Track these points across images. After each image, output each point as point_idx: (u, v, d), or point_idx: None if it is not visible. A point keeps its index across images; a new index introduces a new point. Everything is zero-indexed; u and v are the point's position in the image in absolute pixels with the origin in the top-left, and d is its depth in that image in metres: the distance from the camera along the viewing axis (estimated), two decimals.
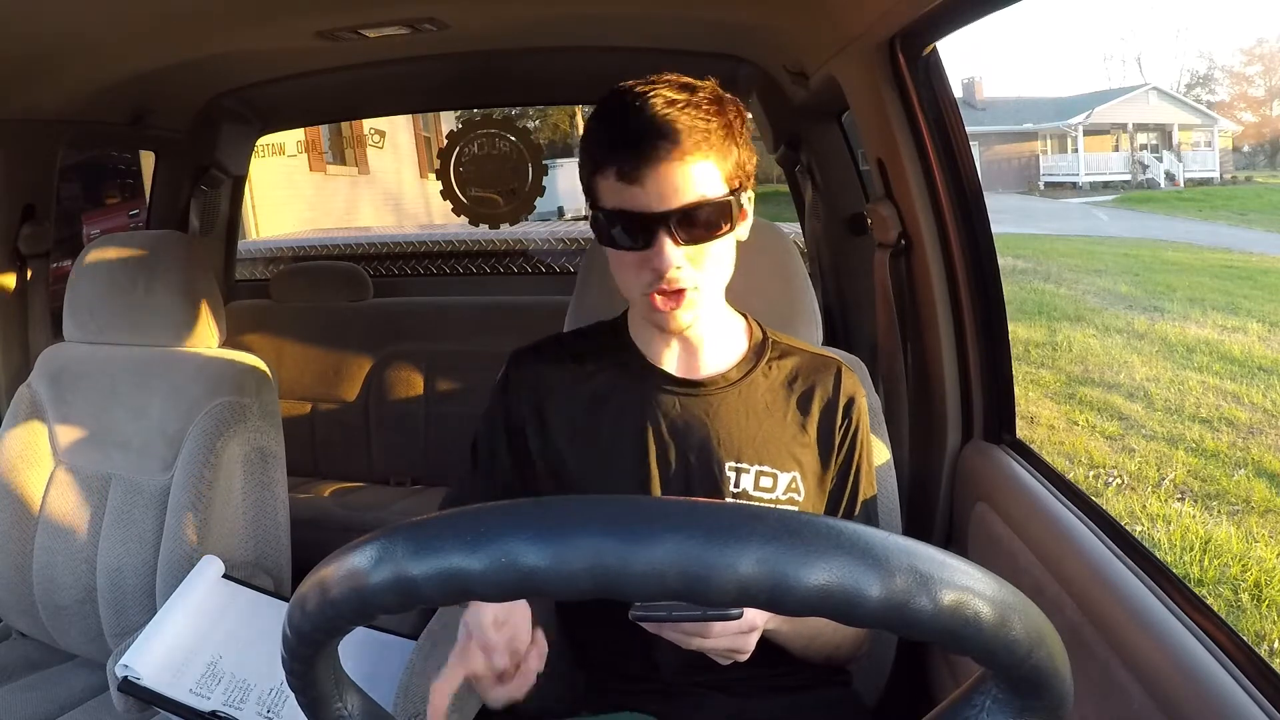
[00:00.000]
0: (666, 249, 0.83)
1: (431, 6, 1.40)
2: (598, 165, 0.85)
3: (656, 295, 0.86)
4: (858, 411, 0.98)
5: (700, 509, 0.37)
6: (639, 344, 0.98)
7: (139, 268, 1.39)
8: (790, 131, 1.91)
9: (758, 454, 0.93)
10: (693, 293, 0.86)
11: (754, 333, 1.01)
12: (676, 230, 0.83)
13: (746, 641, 0.78)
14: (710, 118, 0.83)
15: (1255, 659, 0.74)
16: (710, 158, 0.83)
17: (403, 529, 0.40)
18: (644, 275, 0.85)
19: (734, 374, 0.96)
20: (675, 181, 0.82)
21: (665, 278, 0.84)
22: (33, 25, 1.22)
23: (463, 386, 2.34)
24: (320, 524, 2.11)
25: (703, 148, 0.82)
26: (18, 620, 1.48)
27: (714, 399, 0.95)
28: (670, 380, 0.95)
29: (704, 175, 0.83)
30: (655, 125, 0.81)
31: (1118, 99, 21.77)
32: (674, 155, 0.81)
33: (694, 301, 0.87)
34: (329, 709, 0.50)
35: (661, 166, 0.81)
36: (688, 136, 0.81)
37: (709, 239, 0.85)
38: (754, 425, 0.94)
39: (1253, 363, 6.11)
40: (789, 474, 0.94)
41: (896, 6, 1.08)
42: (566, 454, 0.96)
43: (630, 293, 0.90)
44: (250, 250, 3.16)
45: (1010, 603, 0.38)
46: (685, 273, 0.85)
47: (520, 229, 2.61)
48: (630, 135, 0.82)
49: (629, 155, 0.82)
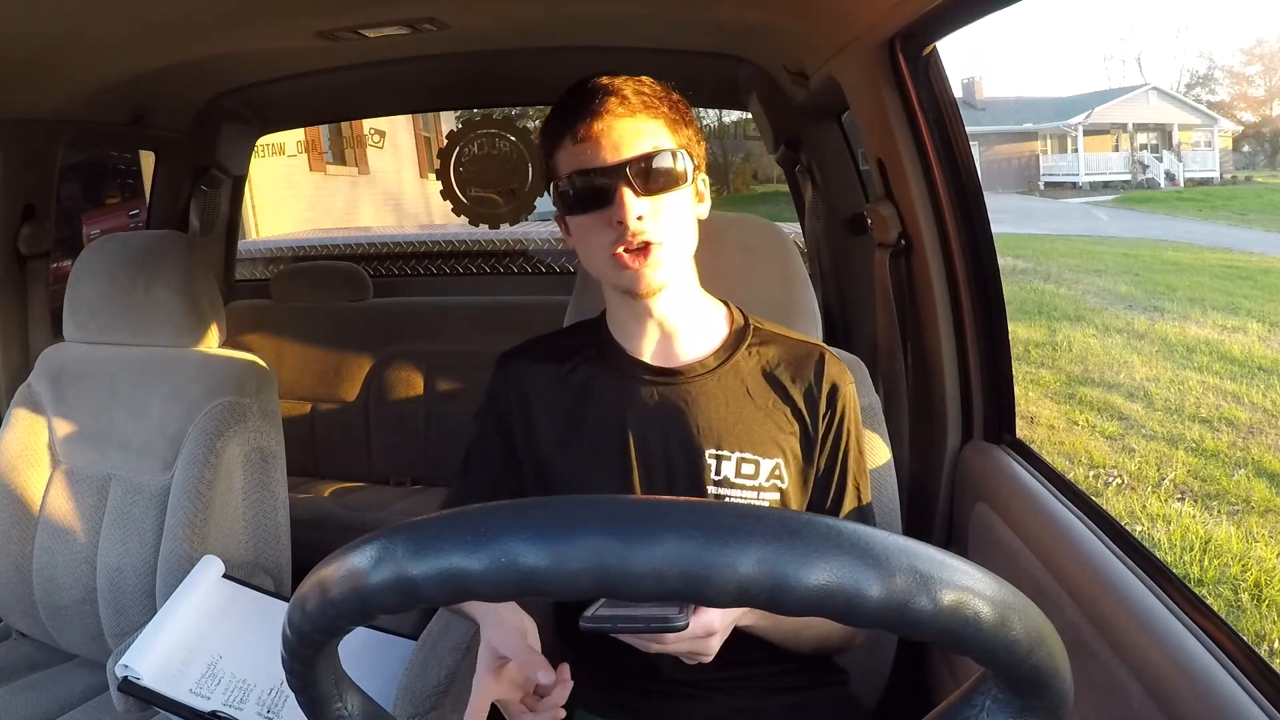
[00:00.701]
0: (626, 198, 0.85)
1: (431, 6, 1.40)
2: (555, 138, 0.90)
3: (623, 252, 0.87)
4: (843, 399, 0.98)
5: (700, 509, 0.37)
6: (617, 336, 0.98)
7: (139, 268, 1.39)
8: (790, 131, 1.91)
9: (738, 441, 0.93)
10: (658, 249, 0.87)
11: (735, 319, 1.01)
12: (634, 180, 0.86)
13: (706, 645, 0.78)
14: (660, 94, 0.90)
15: (1255, 659, 0.74)
16: (659, 121, 0.89)
17: (402, 529, 0.40)
18: (607, 235, 0.87)
19: (711, 361, 0.96)
20: (624, 134, 0.87)
21: (629, 230, 0.85)
22: (32, 25, 1.22)
23: (463, 386, 2.34)
24: (320, 524, 2.11)
25: (651, 109, 0.88)
26: (18, 620, 1.48)
27: (691, 387, 0.95)
28: (648, 370, 0.96)
29: (655, 132, 0.88)
30: (605, 88, 0.87)
31: (1118, 99, 21.76)
32: (625, 111, 0.87)
33: (660, 259, 0.88)
34: (329, 709, 0.50)
35: (614, 121, 0.86)
36: (636, 98, 0.88)
37: (666, 189, 0.88)
38: (734, 412, 0.94)
39: (1253, 363, 6.10)
40: (771, 460, 0.94)
41: (896, 6, 1.08)
42: (552, 450, 0.96)
43: (597, 260, 0.91)
44: (250, 250, 3.16)
45: (1010, 603, 0.38)
46: (647, 224, 0.86)
47: (520, 229, 2.61)
48: (583, 100, 0.87)
49: (582, 116, 0.87)
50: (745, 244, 1.17)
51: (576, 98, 0.88)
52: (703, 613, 0.77)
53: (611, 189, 0.86)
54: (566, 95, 0.90)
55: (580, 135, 0.87)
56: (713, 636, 0.78)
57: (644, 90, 0.89)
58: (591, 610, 0.70)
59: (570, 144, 0.88)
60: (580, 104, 0.87)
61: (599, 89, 0.87)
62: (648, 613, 0.71)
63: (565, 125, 0.88)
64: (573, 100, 0.89)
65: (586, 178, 0.87)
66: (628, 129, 0.87)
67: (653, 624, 0.71)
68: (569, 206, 0.90)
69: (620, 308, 0.97)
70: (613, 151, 0.86)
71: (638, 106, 0.87)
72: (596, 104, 0.86)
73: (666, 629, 0.70)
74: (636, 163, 0.86)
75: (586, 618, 0.69)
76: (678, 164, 0.88)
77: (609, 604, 0.72)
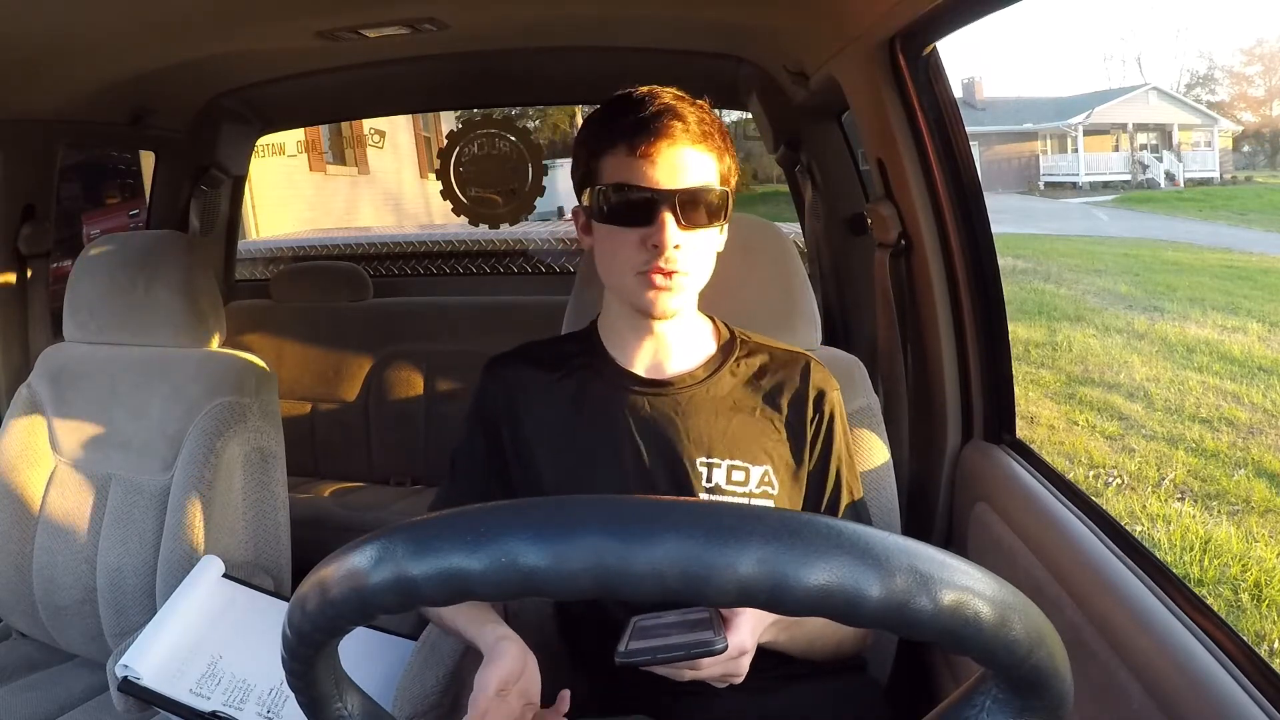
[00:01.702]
0: (669, 225, 0.85)
1: (431, 6, 1.40)
2: (605, 143, 0.88)
3: (654, 274, 0.87)
4: (830, 404, 0.99)
5: (700, 509, 0.37)
6: (609, 346, 0.99)
7: (139, 268, 1.39)
8: (790, 131, 1.91)
9: (728, 449, 0.95)
10: (682, 278, 0.89)
11: (721, 333, 1.02)
12: (681, 210, 0.86)
13: (738, 666, 0.78)
14: (714, 126, 0.89)
15: (1255, 659, 0.74)
16: (713, 152, 0.89)
17: (402, 529, 0.40)
18: (641, 253, 0.87)
19: (701, 373, 0.98)
20: (686, 161, 0.86)
21: (664, 255, 0.86)
22: (32, 25, 1.22)
23: (463, 386, 2.34)
24: (320, 524, 2.11)
25: (708, 140, 0.88)
26: (18, 620, 1.48)
27: (681, 397, 0.96)
28: (639, 381, 0.97)
29: (707, 166, 0.88)
30: (669, 108, 0.86)
31: (1118, 99, 21.74)
32: (686, 138, 0.86)
33: (682, 287, 0.90)
34: (329, 709, 0.50)
35: (674, 145, 0.86)
36: (698, 125, 0.87)
37: (705, 226, 0.88)
38: (723, 421, 0.96)
39: (1253, 363, 6.10)
40: (761, 467, 0.95)
41: (896, 6, 1.08)
42: (542, 458, 0.97)
43: (621, 274, 0.91)
44: (250, 250, 3.16)
45: (1010, 603, 0.38)
46: (681, 254, 0.87)
47: (520, 229, 2.61)
48: (645, 115, 0.86)
49: (643, 131, 0.85)
50: (745, 244, 1.16)
51: (638, 109, 0.87)
52: (735, 631, 0.76)
53: (656, 212, 0.86)
54: (625, 103, 0.88)
55: (639, 150, 0.85)
56: (745, 656, 0.78)
57: (704, 118, 0.88)
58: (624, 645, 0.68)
59: (624, 154, 0.87)
60: (641, 118, 0.86)
61: (665, 108, 0.86)
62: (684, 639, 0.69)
63: (622, 134, 0.87)
64: (632, 110, 0.87)
65: (636, 194, 0.86)
66: (687, 157, 0.86)
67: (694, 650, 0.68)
68: (605, 215, 0.89)
69: (620, 319, 0.97)
70: (668, 176, 0.86)
71: (698, 135, 0.87)
72: (661, 123, 0.85)
73: (708, 653, 0.69)
74: (688, 193, 0.86)
75: (621, 653, 0.67)
76: (720, 206, 0.89)
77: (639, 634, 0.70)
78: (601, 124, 0.90)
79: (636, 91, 0.89)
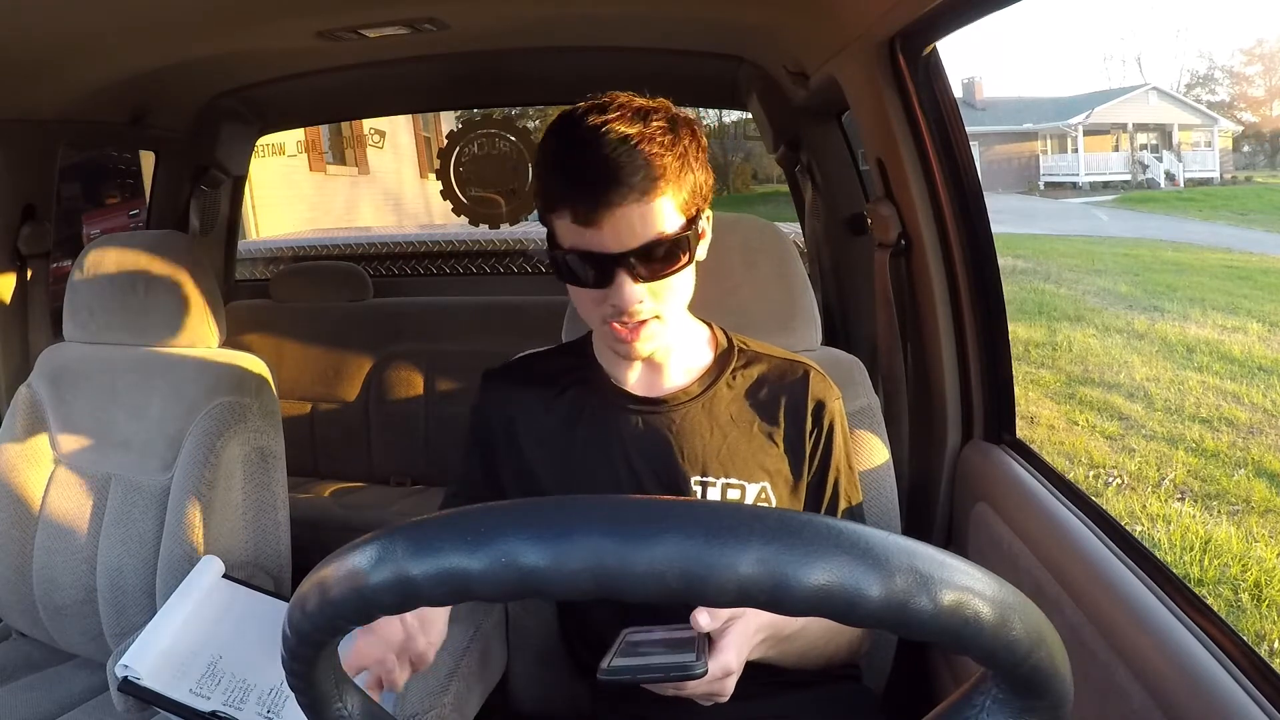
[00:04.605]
0: (626, 287, 0.83)
1: (431, 6, 1.40)
2: (552, 206, 0.84)
3: (618, 326, 0.86)
4: (829, 415, 0.98)
5: (700, 509, 0.37)
6: (603, 363, 0.98)
7: (139, 268, 1.39)
8: (790, 131, 1.91)
9: (723, 467, 0.94)
10: (654, 322, 0.87)
11: (719, 342, 1.00)
12: (636, 267, 0.82)
13: (723, 687, 0.77)
14: (665, 150, 0.81)
15: (1255, 659, 0.74)
16: (666, 193, 0.82)
17: (403, 529, 0.40)
18: (604, 308, 0.86)
19: (695, 388, 0.96)
20: (631, 223, 0.81)
21: (628, 312, 0.84)
22: (32, 25, 1.22)
23: (463, 386, 2.34)
24: (320, 524, 2.11)
25: (659, 184, 0.81)
26: (18, 620, 1.48)
27: (676, 414, 0.95)
28: (633, 399, 0.96)
29: (661, 212, 0.82)
30: (609, 168, 0.79)
31: (1118, 99, 21.73)
32: (629, 199, 0.80)
33: (655, 332, 0.88)
34: (329, 709, 0.50)
35: (616, 210, 0.80)
36: (644, 177, 0.80)
37: (668, 274, 0.85)
38: (718, 438, 0.94)
39: (1253, 363, 6.10)
40: (757, 485, 0.94)
41: (896, 6, 1.08)
42: (539, 475, 0.97)
43: (591, 322, 0.91)
44: (250, 250, 3.16)
45: (1010, 603, 0.38)
46: (645, 305, 0.85)
47: (520, 229, 2.61)
48: (585, 178, 0.80)
49: (584, 199, 0.80)
50: (745, 244, 1.17)
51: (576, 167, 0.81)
52: (720, 653, 0.75)
53: (611, 273, 0.83)
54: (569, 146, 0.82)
55: (580, 216, 0.81)
56: (730, 677, 0.77)
57: (654, 151, 0.80)
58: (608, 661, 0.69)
59: (570, 220, 0.82)
60: (582, 181, 0.80)
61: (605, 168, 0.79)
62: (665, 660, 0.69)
63: (564, 198, 0.82)
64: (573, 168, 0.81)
65: (587, 259, 0.83)
66: (631, 217, 0.80)
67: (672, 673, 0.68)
68: (567, 276, 0.86)
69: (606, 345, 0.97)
70: (615, 242, 0.81)
71: (643, 189, 0.80)
72: (602, 190, 0.79)
73: (686, 677, 0.68)
74: (643, 249, 0.82)
75: (604, 670, 0.68)
76: (680, 248, 0.84)
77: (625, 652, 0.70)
78: (548, 174, 0.84)
79: (585, 121, 0.81)
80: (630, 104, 0.83)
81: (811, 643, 0.91)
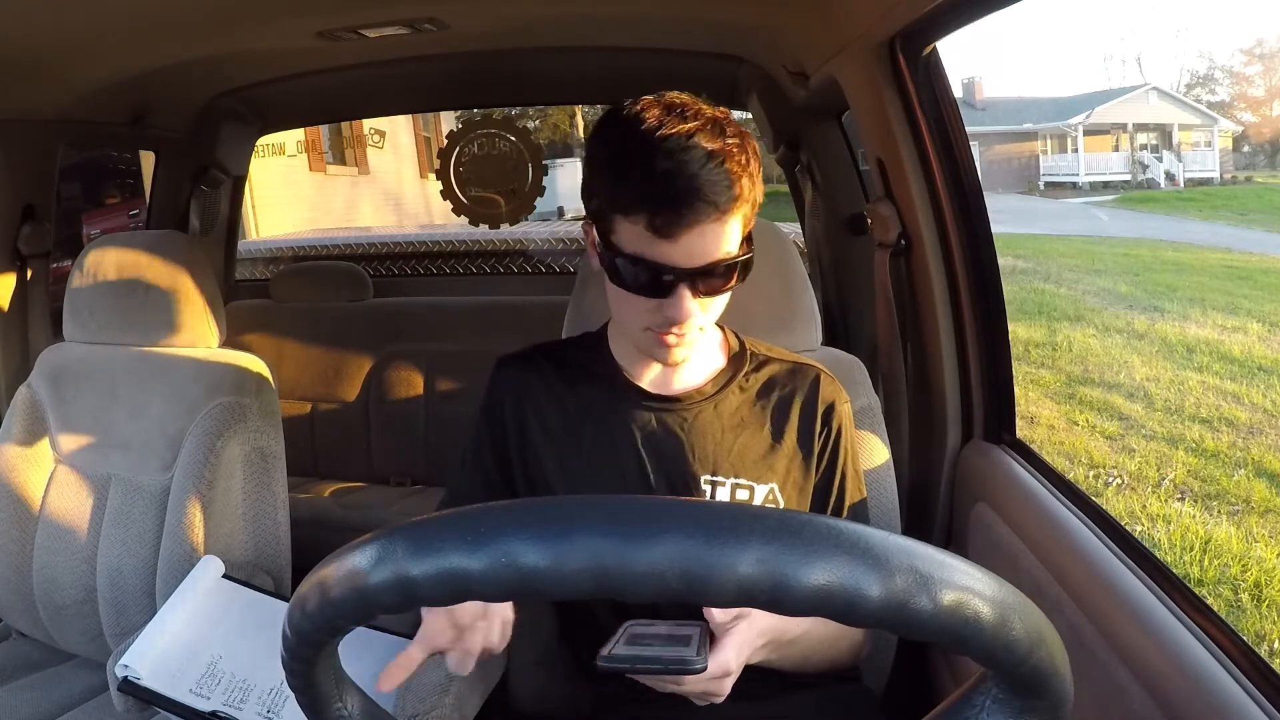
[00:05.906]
0: (685, 302, 0.83)
1: (431, 6, 1.40)
2: (624, 204, 0.81)
3: (666, 335, 0.87)
4: (838, 418, 0.99)
5: (700, 509, 0.37)
6: (619, 359, 0.98)
7: (139, 268, 1.39)
8: (790, 131, 1.91)
9: (734, 467, 0.94)
10: (696, 333, 0.88)
11: (731, 345, 1.01)
12: (698, 283, 0.83)
13: (720, 686, 0.77)
14: (742, 170, 0.81)
15: (1255, 659, 0.74)
16: (741, 211, 0.82)
17: (403, 529, 0.40)
18: (654, 316, 0.86)
19: (709, 389, 0.97)
20: (705, 241, 0.81)
21: (678, 324, 0.85)
22: (32, 25, 1.22)
23: (463, 386, 2.34)
24: (320, 524, 2.11)
25: (736, 204, 0.81)
26: (18, 620, 1.48)
27: (688, 414, 0.95)
28: (647, 396, 0.96)
29: (731, 231, 0.83)
30: (697, 184, 0.78)
31: (1118, 99, 21.74)
32: (710, 217, 0.79)
33: (695, 340, 0.89)
34: (329, 709, 0.50)
35: (695, 228, 0.79)
36: (726, 198, 0.79)
37: (724, 290, 0.86)
38: (729, 439, 0.95)
39: (1253, 363, 6.10)
40: (766, 486, 0.94)
41: (896, 6, 1.08)
42: (547, 466, 0.97)
43: (631, 326, 0.90)
44: (250, 250, 3.16)
45: (1010, 603, 0.38)
46: (696, 318, 0.86)
47: (520, 229, 2.61)
48: (672, 193, 0.78)
49: (665, 211, 0.79)
50: None
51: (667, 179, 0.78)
52: (720, 651, 0.76)
53: (672, 287, 0.82)
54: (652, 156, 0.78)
55: (660, 229, 0.79)
56: (728, 677, 0.77)
57: (735, 174, 0.79)
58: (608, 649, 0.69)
59: (644, 227, 0.80)
60: (668, 195, 0.78)
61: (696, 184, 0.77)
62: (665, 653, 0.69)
63: (643, 204, 0.79)
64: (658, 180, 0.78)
65: (654, 270, 0.82)
66: (710, 235, 0.80)
67: (671, 666, 0.68)
68: (619, 281, 0.85)
69: (626, 341, 0.97)
70: (686, 256, 0.81)
71: (728, 205, 0.79)
72: (690, 207, 0.78)
73: (685, 671, 0.68)
74: (709, 267, 0.82)
75: (604, 657, 0.68)
76: (739, 268, 0.85)
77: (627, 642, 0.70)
78: (622, 175, 0.81)
79: (667, 136, 0.78)
80: (703, 112, 0.81)
81: (813, 648, 0.92)
